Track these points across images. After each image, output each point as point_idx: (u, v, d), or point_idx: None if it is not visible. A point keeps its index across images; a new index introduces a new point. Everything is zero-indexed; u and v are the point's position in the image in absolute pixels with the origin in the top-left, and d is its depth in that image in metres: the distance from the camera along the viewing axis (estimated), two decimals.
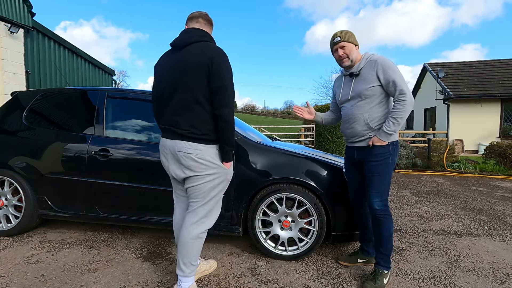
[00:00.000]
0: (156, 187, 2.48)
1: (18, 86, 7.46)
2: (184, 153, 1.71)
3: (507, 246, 2.77)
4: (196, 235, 1.78)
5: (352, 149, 2.16)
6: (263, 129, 11.61)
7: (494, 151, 7.64)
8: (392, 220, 2.04)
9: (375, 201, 1.99)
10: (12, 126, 2.88)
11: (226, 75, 1.68)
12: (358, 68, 2.06)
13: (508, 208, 4.10)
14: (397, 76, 1.92)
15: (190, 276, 1.82)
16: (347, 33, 2.07)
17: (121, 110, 2.75)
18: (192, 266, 1.81)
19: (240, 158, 2.38)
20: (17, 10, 7.54)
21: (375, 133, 2.01)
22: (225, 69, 1.68)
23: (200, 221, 1.79)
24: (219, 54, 1.69)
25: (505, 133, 12.23)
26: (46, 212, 2.75)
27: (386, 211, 2.00)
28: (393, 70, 1.94)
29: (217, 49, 1.72)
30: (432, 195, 4.85)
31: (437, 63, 15.87)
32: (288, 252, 2.39)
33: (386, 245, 2.02)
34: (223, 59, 1.69)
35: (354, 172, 2.19)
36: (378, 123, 2.01)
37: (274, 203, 2.37)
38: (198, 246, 1.81)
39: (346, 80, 2.16)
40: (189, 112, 1.70)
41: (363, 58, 2.07)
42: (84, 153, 2.59)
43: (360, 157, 2.09)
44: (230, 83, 1.70)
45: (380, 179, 1.99)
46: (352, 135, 2.11)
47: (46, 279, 2.08)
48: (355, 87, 2.06)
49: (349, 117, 2.10)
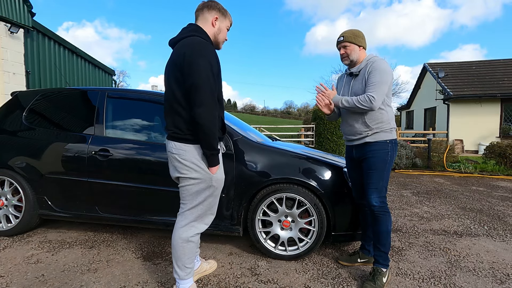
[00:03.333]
0: (156, 187, 2.48)
1: (18, 86, 7.46)
2: (171, 153, 1.71)
3: (507, 246, 2.77)
4: (186, 239, 1.73)
5: (351, 148, 2.21)
6: (263, 129, 11.61)
7: (494, 151, 7.64)
8: (391, 217, 2.06)
9: (373, 197, 2.02)
10: (12, 126, 2.88)
11: (197, 73, 1.55)
12: (358, 69, 2.11)
13: (508, 208, 4.09)
14: (378, 80, 1.96)
15: (187, 278, 1.79)
16: (352, 33, 2.10)
17: (121, 110, 2.74)
18: (187, 269, 1.77)
19: (240, 158, 2.38)
20: (17, 10, 7.54)
21: (373, 132, 2.05)
22: (196, 65, 1.55)
23: (190, 225, 1.74)
24: (193, 49, 1.57)
25: (505, 133, 12.23)
26: (46, 212, 2.75)
27: (384, 208, 2.03)
28: (380, 72, 1.97)
29: (194, 44, 1.59)
30: (432, 195, 4.85)
31: (437, 63, 15.87)
32: (288, 252, 2.39)
33: (384, 242, 2.04)
34: (196, 54, 1.56)
35: (355, 171, 2.22)
36: (375, 122, 2.04)
37: (274, 203, 2.37)
38: (190, 250, 1.75)
39: (347, 79, 2.22)
40: (173, 112, 1.67)
41: (365, 59, 2.10)
42: (84, 153, 2.59)
43: (359, 155, 2.13)
44: (203, 81, 1.55)
45: (378, 175, 2.02)
46: (350, 133, 2.15)
47: (46, 279, 2.08)
48: (353, 87, 2.13)
49: (348, 115, 2.15)
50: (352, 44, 2.08)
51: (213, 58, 1.61)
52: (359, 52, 2.11)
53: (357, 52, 2.10)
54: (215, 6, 1.75)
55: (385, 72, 1.99)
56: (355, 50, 2.09)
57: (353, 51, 2.09)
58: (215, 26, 1.74)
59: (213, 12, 1.73)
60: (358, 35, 2.10)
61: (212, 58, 1.61)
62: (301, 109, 63.26)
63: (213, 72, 1.59)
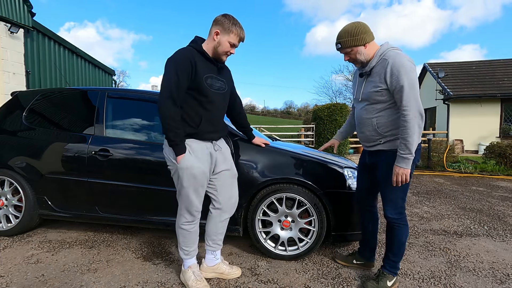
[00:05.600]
0: (156, 187, 2.47)
1: (18, 86, 7.46)
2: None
3: (507, 246, 2.77)
4: (178, 225, 1.98)
5: (365, 152, 2.08)
6: (263, 129, 11.61)
7: (494, 151, 7.64)
8: (407, 229, 1.93)
9: (387, 209, 1.91)
10: (12, 126, 2.88)
11: (164, 73, 1.79)
12: (370, 67, 1.84)
13: (508, 208, 4.09)
14: (406, 81, 1.68)
15: (186, 258, 2.02)
16: (349, 35, 1.80)
17: (121, 110, 2.74)
18: (185, 251, 2.00)
19: (240, 158, 2.38)
20: (17, 10, 7.54)
21: (386, 140, 1.86)
22: (165, 67, 1.79)
23: (180, 213, 1.97)
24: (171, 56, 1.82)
25: (505, 133, 12.24)
26: (46, 212, 2.75)
27: (401, 220, 1.89)
28: (404, 72, 1.69)
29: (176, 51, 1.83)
30: (432, 195, 4.85)
31: (437, 63, 15.88)
32: (288, 252, 2.39)
33: (396, 252, 1.94)
34: (169, 58, 1.81)
35: (365, 174, 2.11)
36: (388, 129, 1.84)
37: (274, 203, 2.37)
38: (184, 235, 1.97)
39: (359, 80, 1.98)
40: None
41: (377, 54, 1.81)
42: (84, 153, 2.59)
43: (372, 161, 2.00)
44: (164, 79, 1.77)
45: (391, 188, 1.84)
46: (363, 140, 2.02)
47: (46, 279, 2.08)
48: (365, 89, 1.89)
49: (359, 120, 1.99)
50: (353, 47, 1.82)
51: (182, 59, 1.76)
52: (366, 50, 1.82)
53: (363, 52, 1.82)
54: (219, 21, 1.85)
55: (408, 67, 1.69)
56: (360, 51, 1.82)
57: (358, 53, 1.83)
58: (215, 40, 1.85)
59: (216, 27, 1.84)
60: (357, 33, 1.79)
61: (181, 59, 1.76)
62: (301, 109, 63.26)
63: (177, 71, 1.75)
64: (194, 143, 1.87)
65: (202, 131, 1.87)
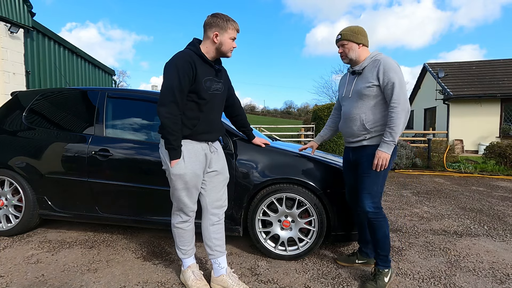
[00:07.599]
0: (156, 187, 2.47)
1: (18, 86, 7.46)
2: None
3: (507, 246, 2.77)
4: (173, 224, 2.00)
5: (348, 150, 2.16)
6: (263, 129, 11.61)
7: (494, 151, 7.64)
8: (387, 221, 2.00)
9: (367, 203, 1.96)
10: (12, 126, 2.88)
11: (163, 78, 1.80)
12: (362, 67, 2.02)
13: (508, 208, 4.10)
14: (397, 79, 1.88)
15: (184, 258, 2.04)
16: (350, 30, 2.01)
17: (121, 110, 2.74)
18: (182, 250, 2.02)
19: (240, 158, 2.38)
20: (17, 10, 7.53)
21: (371, 135, 1.99)
22: (164, 72, 1.80)
23: (174, 213, 1.99)
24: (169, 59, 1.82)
25: (505, 133, 12.23)
26: (46, 212, 2.75)
27: (379, 214, 1.97)
28: (394, 71, 1.89)
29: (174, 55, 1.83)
30: (432, 195, 4.85)
31: (437, 63, 15.86)
32: (288, 252, 2.39)
33: (383, 246, 2.00)
34: (167, 62, 1.81)
35: (350, 174, 2.18)
36: (374, 125, 1.98)
37: (274, 203, 2.37)
38: (180, 234, 1.99)
39: (350, 78, 2.14)
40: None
41: (368, 57, 2.02)
42: (84, 153, 2.59)
43: (355, 157, 2.08)
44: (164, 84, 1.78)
45: (372, 180, 1.96)
46: (348, 135, 2.11)
47: (46, 279, 2.08)
48: (356, 86, 2.04)
49: (347, 116, 2.09)
50: (350, 42, 2.00)
51: (183, 63, 1.75)
52: (359, 50, 2.02)
53: (356, 50, 2.01)
54: (214, 23, 1.84)
55: (396, 67, 1.91)
56: (353, 48, 2.01)
57: (351, 50, 2.01)
58: (217, 42, 1.85)
59: (212, 29, 1.84)
60: (357, 32, 2.00)
61: (182, 63, 1.75)
62: (301, 109, 63.23)
63: (179, 75, 1.74)
64: (190, 144, 1.86)
65: (197, 131, 1.87)
